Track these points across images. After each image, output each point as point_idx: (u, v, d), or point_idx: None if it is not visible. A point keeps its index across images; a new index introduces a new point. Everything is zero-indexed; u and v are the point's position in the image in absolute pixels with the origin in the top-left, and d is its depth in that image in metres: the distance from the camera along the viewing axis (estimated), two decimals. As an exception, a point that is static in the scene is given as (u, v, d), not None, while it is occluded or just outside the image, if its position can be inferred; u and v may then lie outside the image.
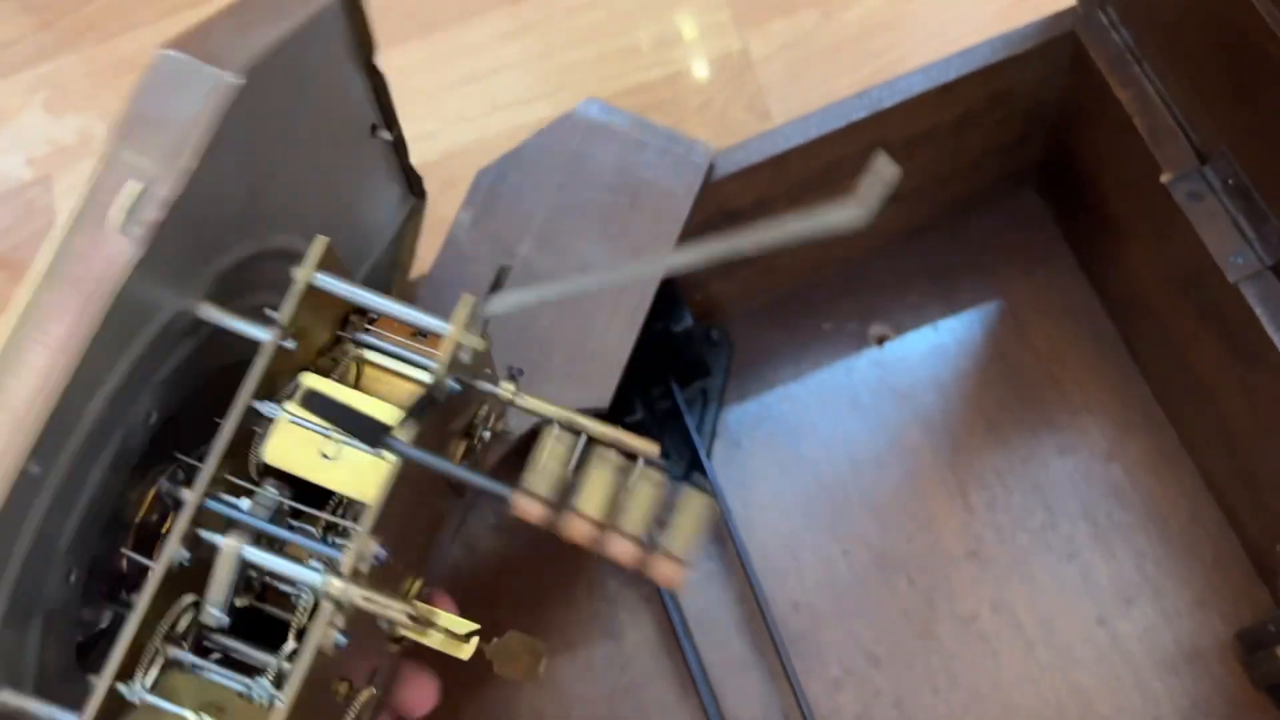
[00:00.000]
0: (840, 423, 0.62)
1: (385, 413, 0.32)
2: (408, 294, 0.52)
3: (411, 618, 0.31)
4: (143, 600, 0.30)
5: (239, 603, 0.33)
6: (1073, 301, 0.62)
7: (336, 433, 0.32)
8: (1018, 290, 0.63)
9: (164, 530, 0.33)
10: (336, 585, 0.30)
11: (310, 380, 0.33)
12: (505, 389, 0.37)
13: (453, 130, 0.72)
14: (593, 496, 0.28)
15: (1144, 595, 0.56)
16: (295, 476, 0.33)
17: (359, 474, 0.32)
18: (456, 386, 0.33)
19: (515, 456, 0.45)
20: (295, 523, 0.34)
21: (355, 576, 0.30)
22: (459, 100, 0.72)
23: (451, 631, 0.35)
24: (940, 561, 0.58)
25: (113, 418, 0.31)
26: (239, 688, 0.31)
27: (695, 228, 0.54)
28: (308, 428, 0.32)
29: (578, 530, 0.28)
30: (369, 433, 0.30)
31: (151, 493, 0.34)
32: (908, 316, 0.63)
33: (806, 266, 0.63)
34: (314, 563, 0.31)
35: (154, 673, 0.31)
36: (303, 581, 0.31)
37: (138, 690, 0.30)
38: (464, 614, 0.35)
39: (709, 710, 0.55)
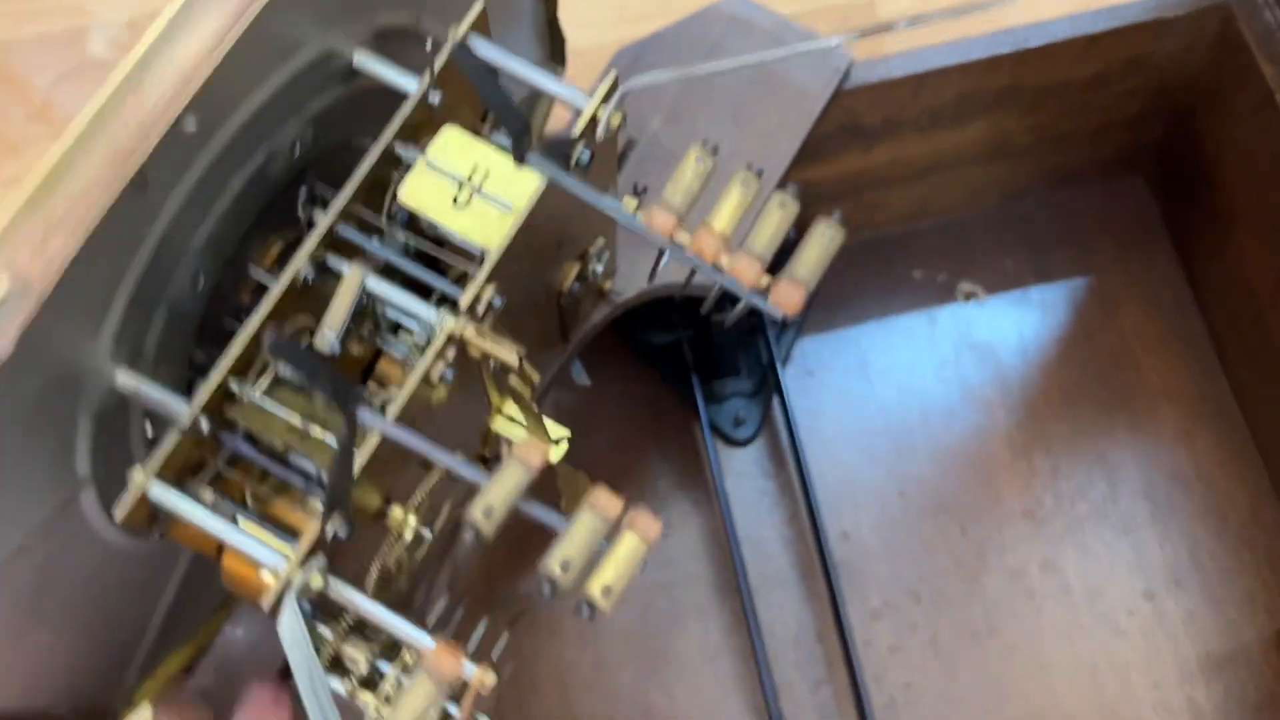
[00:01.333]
0: (916, 369, 0.62)
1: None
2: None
3: (519, 371, 0.31)
4: (265, 304, 0.31)
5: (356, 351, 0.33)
6: (1164, 289, 0.62)
7: (469, 183, 0.32)
8: (1112, 271, 0.63)
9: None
10: (453, 320, 0.30)
11: (452, 130, 0.33)
12: (628, 202, 0.38)
13: (577, 35, 0.73)
14: (725, 214, 0.28)
15: (1194, 580, 0.56)
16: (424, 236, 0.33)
17: (484, 223, 0.32)
18: (588, 156, 0.33)
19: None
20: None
21: (471, 314, 0.30)
22: (585, 6, 0.73)
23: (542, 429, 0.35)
24: (996, 515, 0.59)
25: (261, 129, 0.31)
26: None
27: (819, 139, 0.55)
28: (445, 175, 0.33)
29: (708, 246, 0.27)
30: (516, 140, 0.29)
31: (279, 245, 0.35)
32: (998, 278, 0.64)
33: (908, 212, 0.63)
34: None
35: (265, 381, 0.31)
36: (420, 316, 0.31)
37: (248, 389, 0.31)
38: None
39: (748, 615, 0.56)
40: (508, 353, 0.30)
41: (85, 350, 0.29)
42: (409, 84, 0.34)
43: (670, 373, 0.63)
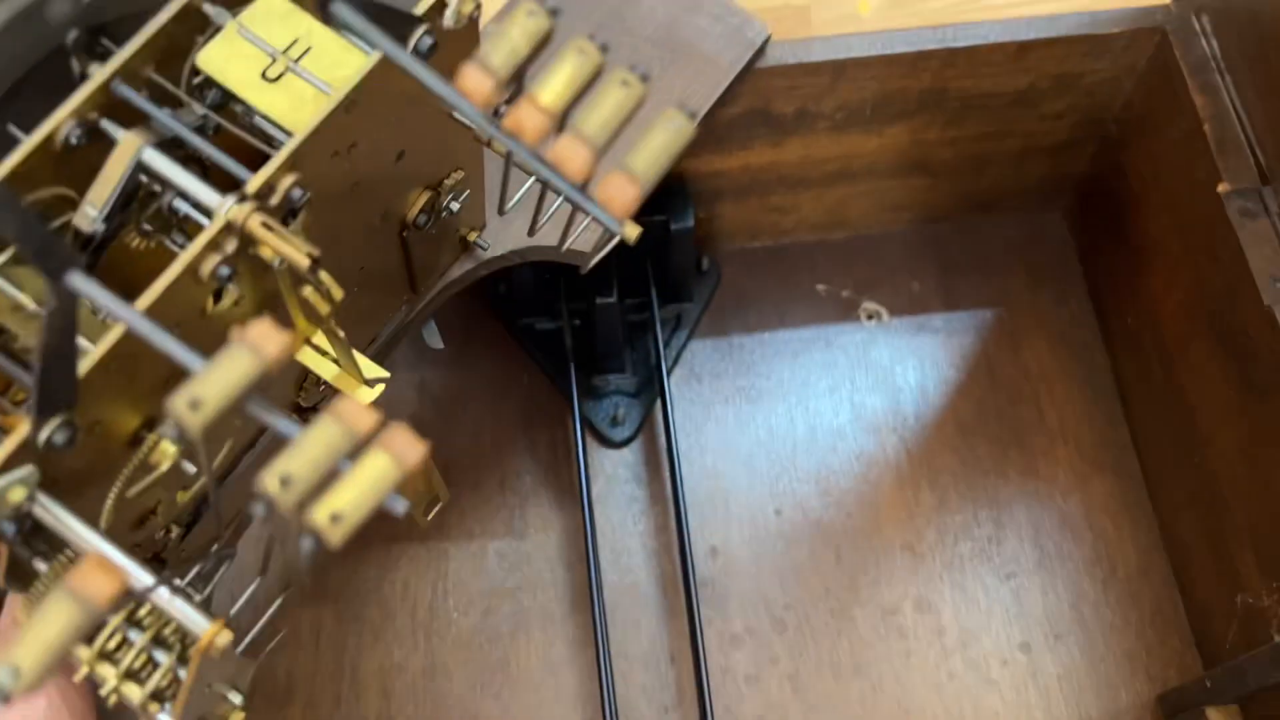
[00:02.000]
0: (809, 385, 0.58)
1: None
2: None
3: (314, 280, 0.26)
4: (11, 158, 0.25)
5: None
6: (1073, 329, 0.59)
7: (284, 56, 0.27)
8: (1021, 305, 0.60)
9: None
10: (237, 207, 0.25)
11: None
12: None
13: None
14: (555, 86, 0.23)
15: (1074, 634, 0.53)
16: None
17: (297, 104, 0.27)
18: (428, 43, 0.28)
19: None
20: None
21: (260, 202, 0.25)
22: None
23: (355, 370, 0.30)
24: (874, 545, 0.55)
25: None
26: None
27: (727, 123, 0.51)
28: (257, 45, 0.28)
29: (529, 121, 0.22)
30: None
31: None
32: (904, 301, 0.60)
33: (817, 221, 0.60)
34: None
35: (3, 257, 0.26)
36: (202, 201, 0.26)
37: None
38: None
39: (597, 629, 0.51)
40: (296, 252, 0.25)
41: None
42: None
43: (549, 363, 0.59)
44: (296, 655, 0.52)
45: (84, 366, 0.24)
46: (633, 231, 0.35)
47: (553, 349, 0.58)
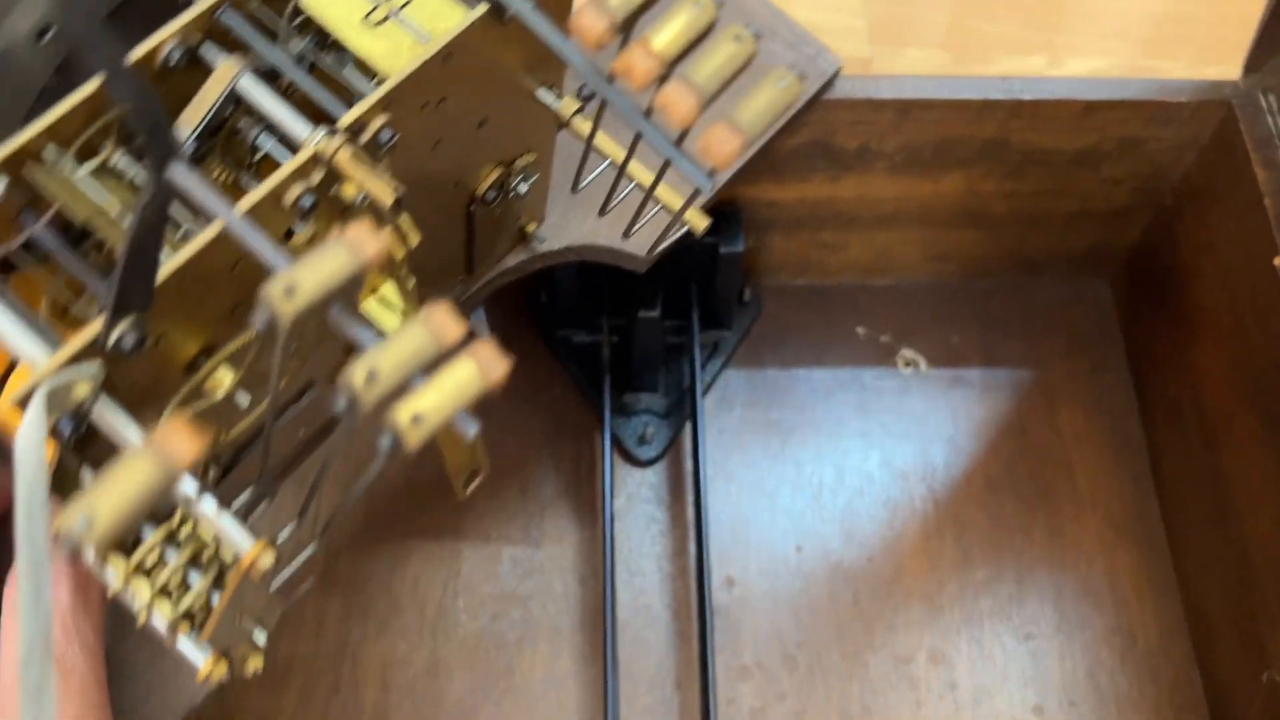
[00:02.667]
0: (840, 426, 0.58)
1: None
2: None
3: (394, 220, 0.26)
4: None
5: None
6: (1110, 396, 0.59)
7: (387, 3, 0.28)
8: (1059, 368, 0.60)
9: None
10: (327, 139, 0.25)
11: None
12: (568, 103, 0.33)
13: None
14: (669, 33, 0.23)
15: (1089, 703, 0.52)
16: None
17: (395, 50, 0.28)
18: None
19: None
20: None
21: (351, 137, 0.25)
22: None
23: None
24: (893, 593, 0.54)
25: None
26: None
27: (789, 153, 0.52)
28: None
29: (639, 64, 0.22)
30: None
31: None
32: (943, 352, 0.60)
33: (864, 263, 0.60)
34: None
35: (92, 164, 0.26)
36: (289, 130, 0.26)
37: (68, 162, 0.25)
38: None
39: (606, 646, 0.50)
40: (383, 188, 0.25)
41: None
42: None
43: (582, 375, 0.59)
44: (297, 639, 0.51)
45: (163, 273, 0.23)
46: (701, 222, 0.35)
47: (587, 362, 0.58)
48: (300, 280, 0.18)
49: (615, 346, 0.58)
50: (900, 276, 0.61)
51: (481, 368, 0.19)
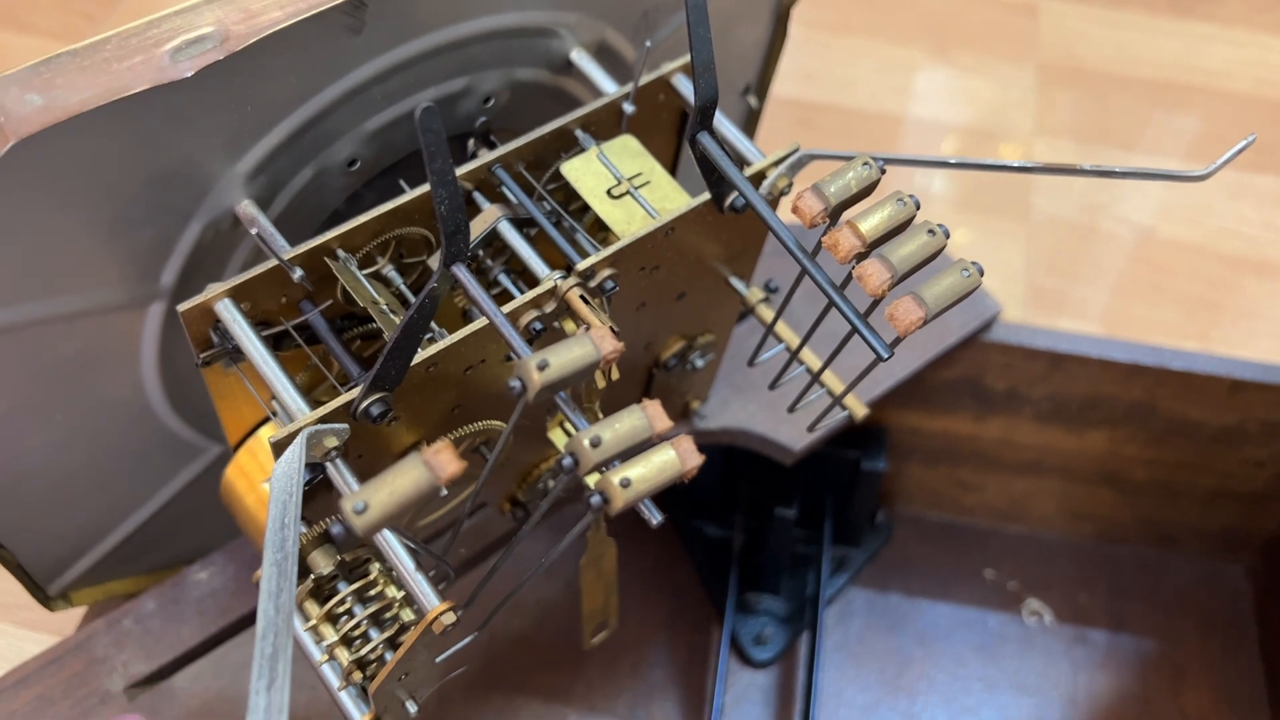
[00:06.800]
0: (959, 665, 0.58)
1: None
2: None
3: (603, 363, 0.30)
4: (405, 196, 0.31)
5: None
6: (1240, 683, 0.57)
7: (628, 181, 0.33)
8: (1188, 645, 0.59)
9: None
10: (562, 281, 0.30)
11: (632, 138, 0.34)
12: (755, 292, 0.37)
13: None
14: (875, 220, 0.26)
15: None
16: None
17: (628, 218, 0.32)
18: (742, 203, 0.33)
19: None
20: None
21: (583, 280, 0.30)
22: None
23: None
24: (994, 843, 0.52)
25: (469, 58, 0.33)
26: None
27: (938, 384, 0.55)
28: (609, 168, 0.33)
29: (845, 242, 0.26)
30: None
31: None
32: (1070, 609, 0.60)
33: (999, 509, 0.61)
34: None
35: (370, 270, 0.31)
36: (530, 267, 0.31)
37: (351, 261, 0.31)
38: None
39: (695, 832, 0.50)
40: (602, 325, 0.29)
41: (224, 161, 0.30)
42: (609, 86, 0.35)
43: (708, 568, 0.61)
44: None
45: (417, 359, 0.28)
46: (860, 409, 0.38)
47: (714, 555, 0.61)
48: (552, 359, 0.22)
49: (744, 545, 0.60)
50: (1032, 527, 0.62)
51: (680, 455, 0.22)
